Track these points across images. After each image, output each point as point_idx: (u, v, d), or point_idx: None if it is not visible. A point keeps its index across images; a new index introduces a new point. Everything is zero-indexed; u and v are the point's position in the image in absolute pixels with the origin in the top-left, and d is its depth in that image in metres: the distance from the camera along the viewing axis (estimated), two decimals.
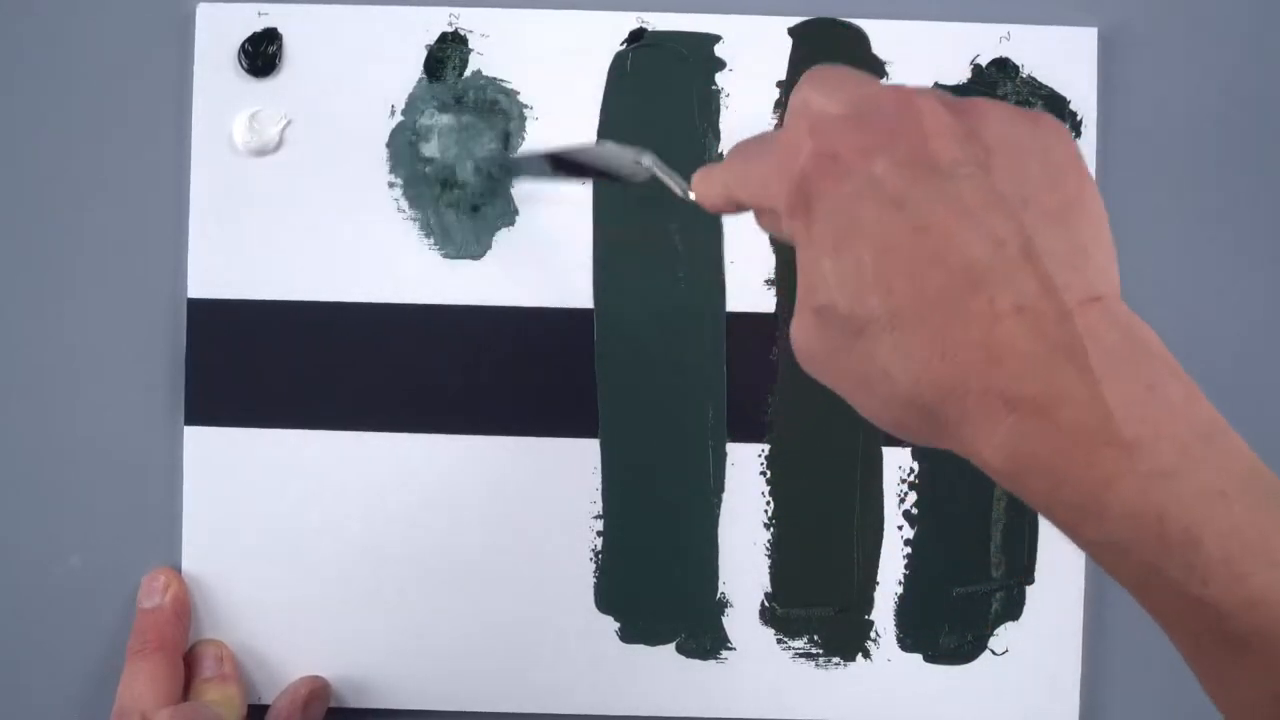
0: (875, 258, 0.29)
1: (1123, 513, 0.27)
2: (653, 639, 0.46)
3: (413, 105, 0.46)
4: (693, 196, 0.36)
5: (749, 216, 0.38)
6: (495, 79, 0.46)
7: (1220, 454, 0.28)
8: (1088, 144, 0.46)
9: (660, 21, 0.46)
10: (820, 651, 0.46)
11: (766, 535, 0.46)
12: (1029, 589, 0.46)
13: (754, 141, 0.34)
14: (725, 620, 0.46)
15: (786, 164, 0.31)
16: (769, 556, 0.46)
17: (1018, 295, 0.28)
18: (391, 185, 0.46)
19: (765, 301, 0.46)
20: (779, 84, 0.46)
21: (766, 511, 0.46)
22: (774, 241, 0.46)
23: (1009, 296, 0.28)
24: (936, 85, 0.46)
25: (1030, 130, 0.30)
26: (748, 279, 0.46)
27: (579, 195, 0.46)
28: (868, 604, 0.46)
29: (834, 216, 0.29)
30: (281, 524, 0.46)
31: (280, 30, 0.46)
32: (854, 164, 0.29)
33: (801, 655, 0.46)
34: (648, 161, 0.39)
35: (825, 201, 0.30)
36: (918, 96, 0.30)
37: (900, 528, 0.46)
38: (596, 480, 0.46)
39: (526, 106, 0.46)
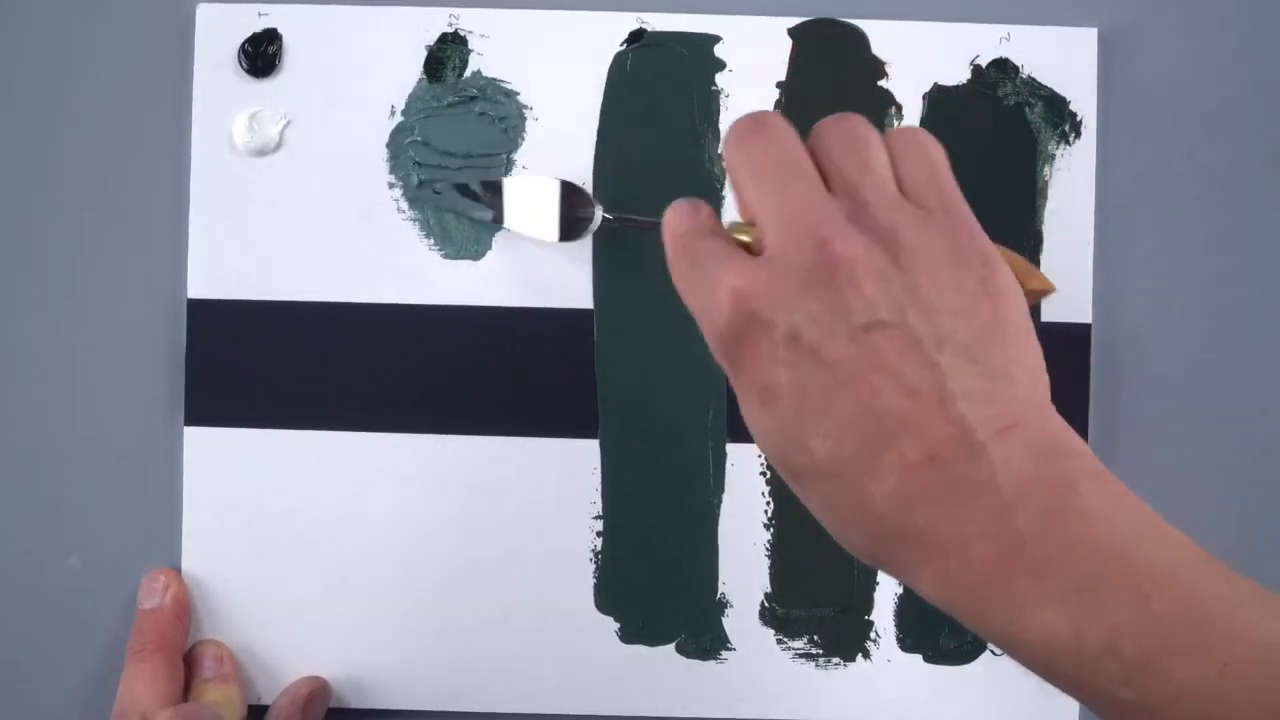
0: (795, 416, 0.29)
1: (1040, 633, 0.28)
2: (653, 639, 0.46)
3: (412, 105, 0.46)
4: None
5: None
6: (495, 79, 0.46)
7: (1141, 552, 0.28)
8: (1088, 144, 0.46)
9: (660, 22, 0.46)
10: (820, 652, 0.46)
11: (766, 535, 0.46)
12: None
13: (689, 264, 0.32)
14: (725, 620, 0.46)
15: (711, 315, 0.31)
16: (769, 556, 0.46)
17: (929, 444, 0.28)
18: (391, 185, 0.46)
19: None
20: (779, 84, 0.46)
21: (766, 511, 0.46)
22: None
23: (920, 447, 0.28)
24: (936, 85, 0.46)
25: (949, 249, 0.30)
26: None
27: None
28: (868, 604, 0.46)
29: (754, 372, 0.30)
30: (281, 524, 0.46)
31: (280, 30, 0.46)
32: (771, 321, 0.29)
33: (801, 655, 0.46)
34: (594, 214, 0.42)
35: (745, 360, 0.30)
36: (835, 240, 0.29)
37: None
38: (596, 480, 0.46)
39: (526, 107, 0.46)
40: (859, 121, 0.32)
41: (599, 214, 0.44)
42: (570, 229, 0.45)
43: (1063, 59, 0.46)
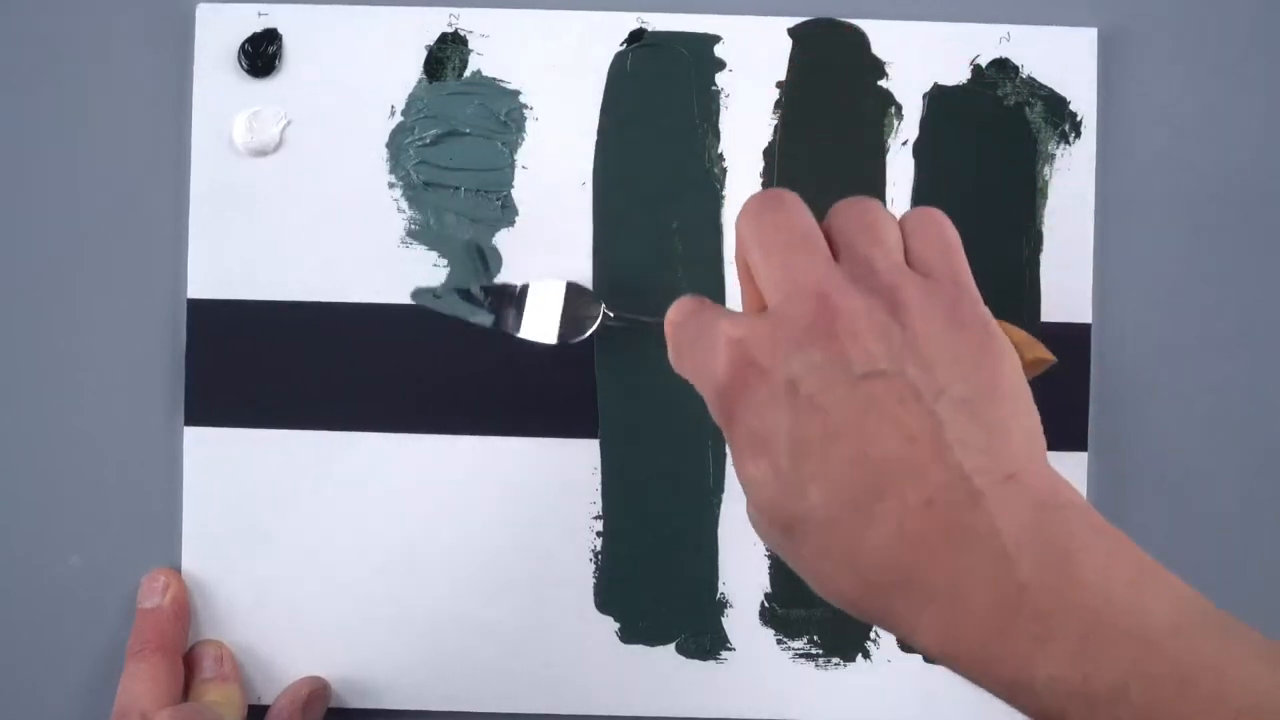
0: (791, 464, 0.30)
1: (1048, 682, 0.27)
2: (653, 639, 0.46)
3: (412, 105, 0.46)
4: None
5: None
6: (495, 79, 0.46)
7: (1144, 602, 0.28)
8: (1087, 144, 0.46)
9: (660, 21, 0.46)
10: (820, 652, 0.46)
11: None
12: None
13: (689, 331, 0.34)
14: (725, 620, 0.46)
15: (709, 373, 0.32)
16: (769, 556, 0.46)
17: (926, 489, 0.28)
18: (391, 185, 0.46)
19: None
20: (779, 84, 0.46)
21: None
22: None
23: (919, 491, 0.28)
24: (936, 85, 0.46)
25: (949, 309, 0.31)
26: None
27: (579, 195, 0.46)
28: None
29: (752, 424, 0.30)
30: (281, 524, 0.46)
31: (280, 30, 0.46)
32: (770, 369, 0.30)
33: (801, 655, 0.46)
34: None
35: (742, 410, 0.31)
36: (835, 295, 0.30)
37: None
38: (596, 480, 0.46)
39: (526, 107, 0.46)
40: (874, 203, 0.33)
41: (602, 312, 0.44)
42: (571, 329, 0.45)
43: (1063, 59, 0.46)
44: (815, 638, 0.46)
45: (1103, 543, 0.29)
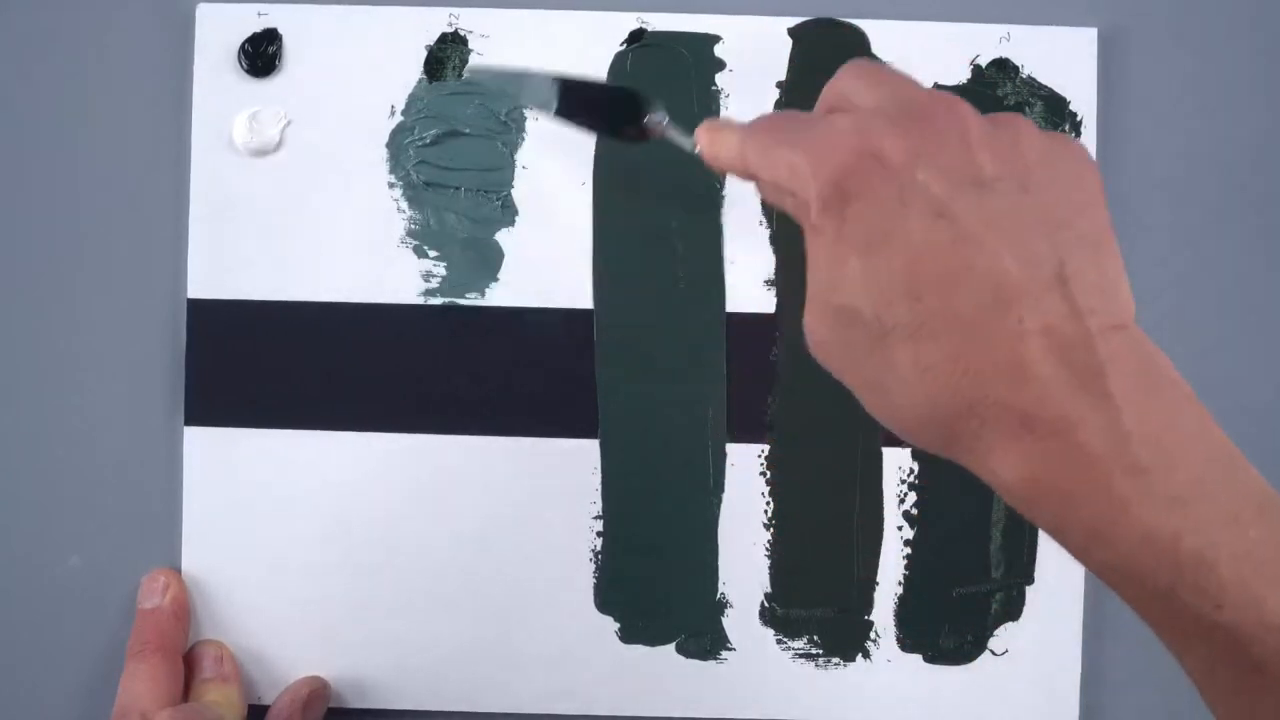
0: (907, 265, 0.28)
1: (1137, 537, 0.27)
2: (653, 639, 0.46)
3: (412, 105, 0.46)
4: (699, 151, 0.35)
5: (749, 215, 0.38)
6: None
7: (1234, 480, 0.28)
8: (1087, 144, 0.46)
9: (660, 21, 0.46)
10: (820, 652, 0.46)
11: (766, 535, 0.46)
12: (1029, 589, 0.46)
13: (786, 119, 0.33)
14: (725, 620, 0.46)
15: (826, 156, 0.30)
16: (769, 556, 0.46)
17: (1046, 316, 0.28)
18: (391, 185, 0.46)
19: (765, 302, 0.46)
20: (779, 84, 0.46)
21: (766, 511, 0.46)
22: (775, 241, 0.46)
23: (1038, 317, 0.28)
24: (936, 85, 0.46)
25: (1065, 155, 0.30)
26: (748, 279, 0.46)
27: (579, 195, 0.46)
28: (868, 604, 0.46)
29: (870, 218, 0.29)
30: (281, 524, 0.46)
31: (280, 30, 0.46)
32: (898, 166, 0.29)
33: (801, 656, 0.46)
34: (658, 117, 0.39)
35: (863, 202, 0.29)
36: (962, 104, 0.30)
37: (900, 528, 0.46)
38: (596, 480, 0.46)
39: (527, 107, 0.46)
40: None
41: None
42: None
43: (1063, 59, 0.46)
44: (815, 638, 0.46)
45: (1198, 416, 0.28)
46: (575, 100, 0.41)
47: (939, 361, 0.28)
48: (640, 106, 0.39)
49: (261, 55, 0.46)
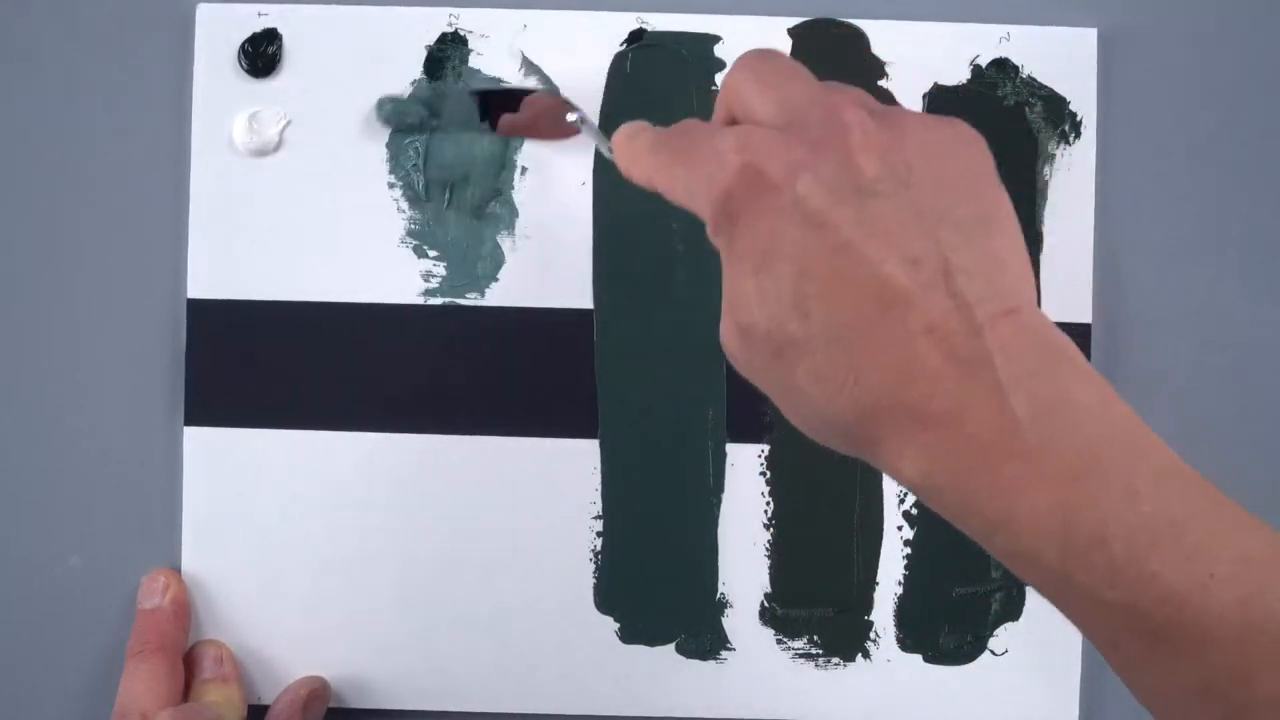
0: (794, 280, 0.29)
1: (1029, 520, 0.27)
2: (653, 639, 0.46)
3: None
4: (614, 158, 0.36)
5: None
6: (495, 79, 0.46)
7: (1132, 453, 0.28)
8: (1087, 144, 0.46)
9: (660, 22, 0.46)
10: (820, 652, 0.46)
11: (766, 535, 0.46)
12: (1029, 589, 0.46)
13: (686, 134, 0.33)
14: (725, 620, 0.46)
15: (713, 176, 0.31)
16: (769, 556, 0.46)
17: (929, 315, 0.28)
18: (391, 185, 0.46)
19: None
20: None
21: (766, 511, 0.46)
22: None
23: (921, 316, 0.28)
24: (936, 85, 0.46)
25: (949, 139, 0.31)
26: None
27: (579, 195, 0.46)
28: (867, 604, 0.46)
29: (756, 235, 0.30)
30: (281, 524, 0.46)
31: (280, 30, 0.46)
32: (779, 182, 0.29)
33: (801, 655, 0.46)
34: (574, 118, 0.41)
35: (748, 219, 0.30)
36: (844, 108, 0.30)
37: (900, 528, 0.46)
38: (596, 480, 0.46)
39: None
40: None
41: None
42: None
43: (1063, 59, 0.46)
44: (815, 638, 0.46)
45: (1096, 391, 0.29)
46: (493, 108, 0.44)
47: (831, 372, 0.29)
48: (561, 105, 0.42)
49: (261, 55, 0.46)
